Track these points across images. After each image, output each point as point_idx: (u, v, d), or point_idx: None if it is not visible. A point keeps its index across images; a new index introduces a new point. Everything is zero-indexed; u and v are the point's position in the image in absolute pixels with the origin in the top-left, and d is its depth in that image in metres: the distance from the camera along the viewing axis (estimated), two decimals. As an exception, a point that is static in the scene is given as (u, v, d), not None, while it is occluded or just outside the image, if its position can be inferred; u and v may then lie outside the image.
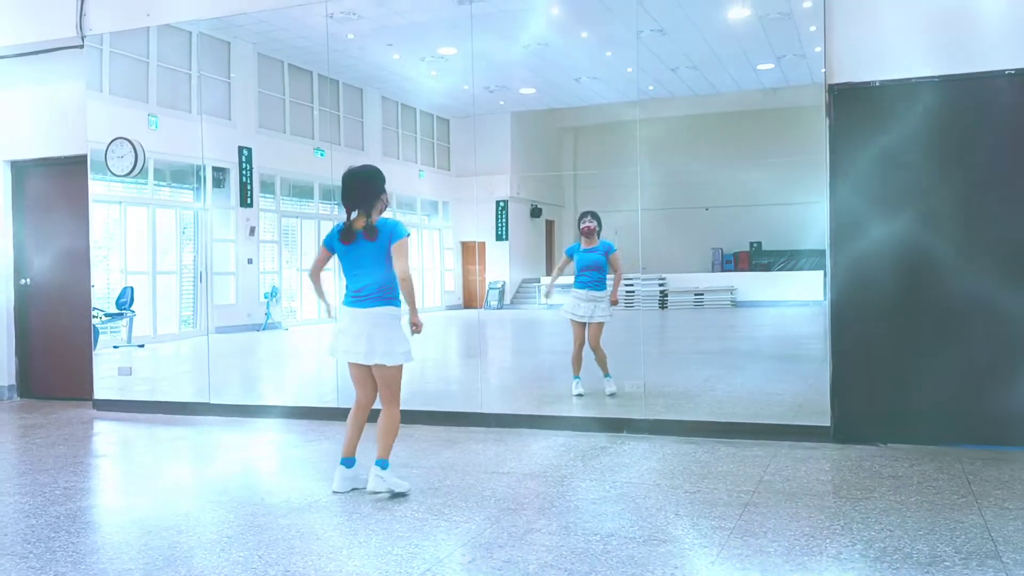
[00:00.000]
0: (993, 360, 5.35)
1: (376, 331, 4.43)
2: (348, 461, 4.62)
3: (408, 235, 4.47)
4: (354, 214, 4.50)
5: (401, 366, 4.51)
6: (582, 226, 7.15)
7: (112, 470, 5.70)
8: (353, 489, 4.59)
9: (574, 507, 4.27)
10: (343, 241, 4.50)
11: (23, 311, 8.41)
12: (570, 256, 7.25)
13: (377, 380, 4.53)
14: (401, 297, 4.51)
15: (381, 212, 4.55)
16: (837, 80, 5.63)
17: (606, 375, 6.96)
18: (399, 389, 4.56)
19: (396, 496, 4.46)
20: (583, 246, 7.15)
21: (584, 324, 7.07)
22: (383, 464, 4.47)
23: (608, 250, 7.10)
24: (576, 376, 7.09)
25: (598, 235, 7.17)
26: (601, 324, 7.02)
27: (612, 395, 6.81)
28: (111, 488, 5.19)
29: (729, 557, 3.49)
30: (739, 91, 9.17)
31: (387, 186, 4.60)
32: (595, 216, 7.18)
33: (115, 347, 8.55)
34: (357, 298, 4.48)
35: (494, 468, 5.14)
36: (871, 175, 5.56)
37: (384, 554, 3.61)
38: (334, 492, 4.56)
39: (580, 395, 7.02)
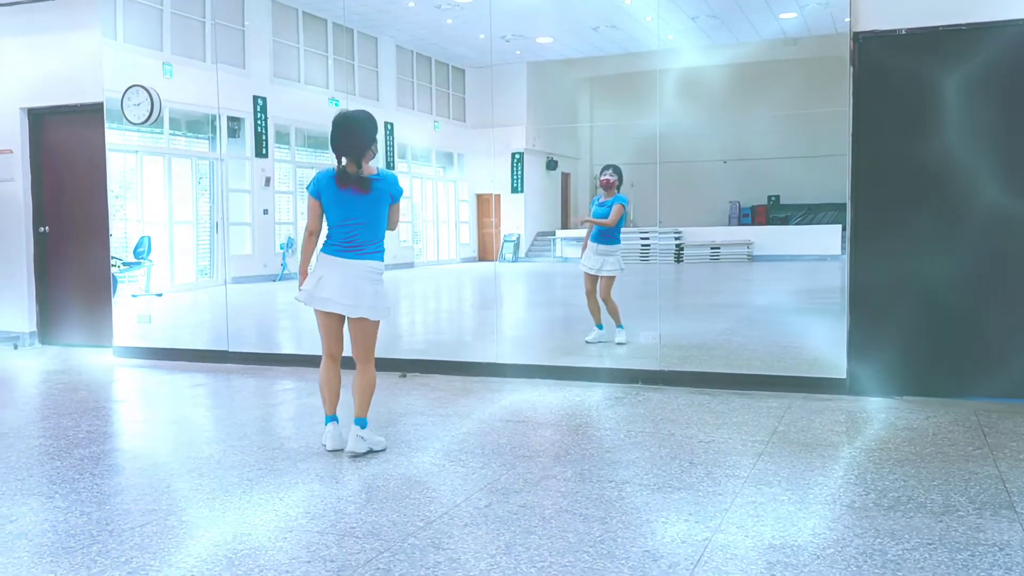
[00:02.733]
0: (1010, 313, 5.31)
1: (364, 284, 4.28)
2: (336, 418, 4.47)
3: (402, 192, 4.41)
4: (343, 161, 4.30)
5: (379, 323, 4.40)
6: (601, 179, 7.15)
7: (133, 415, 5.79)
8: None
9: (589, 455, 4.31)
10: (340, 185, 4.27)
11: (42, 259, 8.48)
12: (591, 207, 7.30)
13: (355, 336, 4.38)
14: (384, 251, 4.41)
15: (369, 161, 4.36)
16: (862, 28, 5.51)
17: (618, 325, 7.03)
18: (375, 345, 4.43)
19: (375, 452, 4.36)
20: (602, 199, 7.18)
21: (595, 276, 7.14)
22: (363, 423, 4.37)
23: (623, 205, 7.13)
24: (598, 325, 7.18)
25: (618, 189, 7.17)
26: (610, 278, 7.07)
27: (621, 344, 6.87)
28: (133, 432, 5.28)
29: (743, 505, 3.52)
30: (760, 41, 8.99)
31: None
32: (616, 170, 7.16)
33: (134, 296, 8.62)
34: (346, 247, 4.29)
35: (509, 417, 5.18)
36: (895, 126, 5.47)
37: (402, 498, 3.66)
38: (332, 450, 4.38)
39: (591, 341, 7.10)
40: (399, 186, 4.41)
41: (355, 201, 4.29)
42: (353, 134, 4.29)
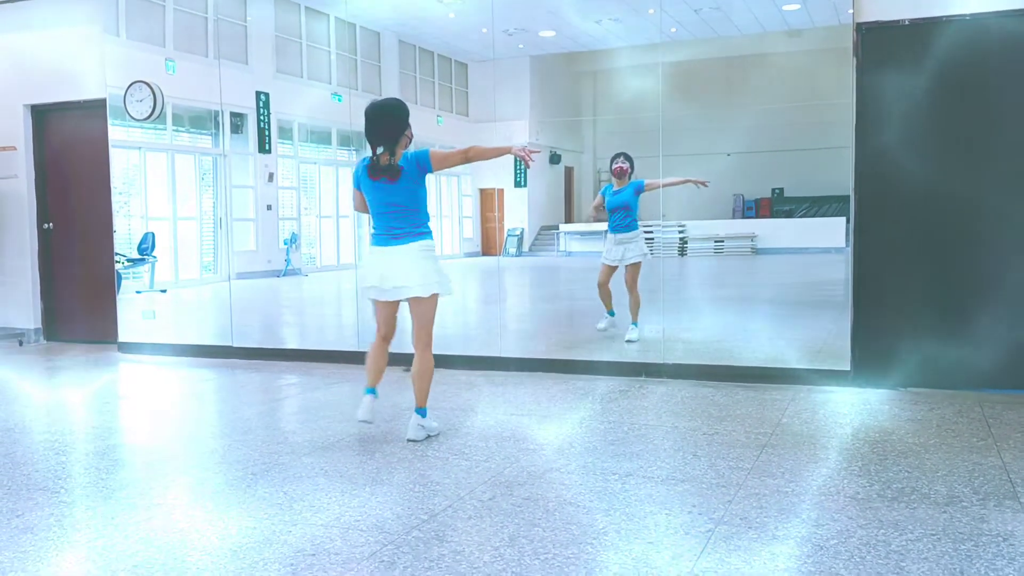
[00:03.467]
0: (1015, 304, 5.30)
1: (420, 264, 4.37)
2: (374, 391, 4.57)
3: (429, 150, 4.37)
4: (379, 150, 4.39)
5: (435, 303, 4.45)
6: (613, 167, 7.15)
7: (138, 410, 5.81)
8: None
9: (592, 448, 4.31)
10: (371, 177, 4.40)
11: (47, 255, 8.51)
12: (603, 196, 7.27)
13: (416, 318, 4.44)
14: (431, 229, 4.46)
15: (406, 147, 4.44)
16: (865, 19, 5.49)
17: (633, 322, 6.97)
18: (432, 329, 4.48)
19: (429, 438, 4.53)
20: (614, 187, 7.16)
21: (613, 268, 7.10)
22: (423, 412, 4.50)
23: (638, 188, 7.09)
24: (610, 312, 7.18)
25: (629, 176, 7.15)
26: (636, 265, 7.02)
27: (630, 342, 6.84)
28: (138, 427, 5.29)
29: (746, 496, 3.52)
30: (763, 32, 8.95)
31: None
32: (627, 158, 7.16)
33: (138, 292, 8.64)
34: (391, 236, 4.40)
35: (513, 410, 5.19)
36: (899, 118, 5.45)
37: (406, 491, 3.67)
38: (361, 421, 4.51)
39: (602, 329, 7.09)
40: (420, 155, 4.37)
41: (389, 189, 4.38)
42: (382, 123, 4.39)
